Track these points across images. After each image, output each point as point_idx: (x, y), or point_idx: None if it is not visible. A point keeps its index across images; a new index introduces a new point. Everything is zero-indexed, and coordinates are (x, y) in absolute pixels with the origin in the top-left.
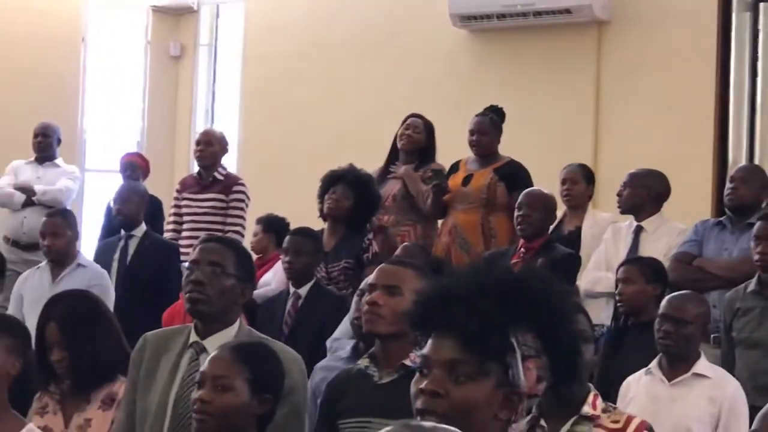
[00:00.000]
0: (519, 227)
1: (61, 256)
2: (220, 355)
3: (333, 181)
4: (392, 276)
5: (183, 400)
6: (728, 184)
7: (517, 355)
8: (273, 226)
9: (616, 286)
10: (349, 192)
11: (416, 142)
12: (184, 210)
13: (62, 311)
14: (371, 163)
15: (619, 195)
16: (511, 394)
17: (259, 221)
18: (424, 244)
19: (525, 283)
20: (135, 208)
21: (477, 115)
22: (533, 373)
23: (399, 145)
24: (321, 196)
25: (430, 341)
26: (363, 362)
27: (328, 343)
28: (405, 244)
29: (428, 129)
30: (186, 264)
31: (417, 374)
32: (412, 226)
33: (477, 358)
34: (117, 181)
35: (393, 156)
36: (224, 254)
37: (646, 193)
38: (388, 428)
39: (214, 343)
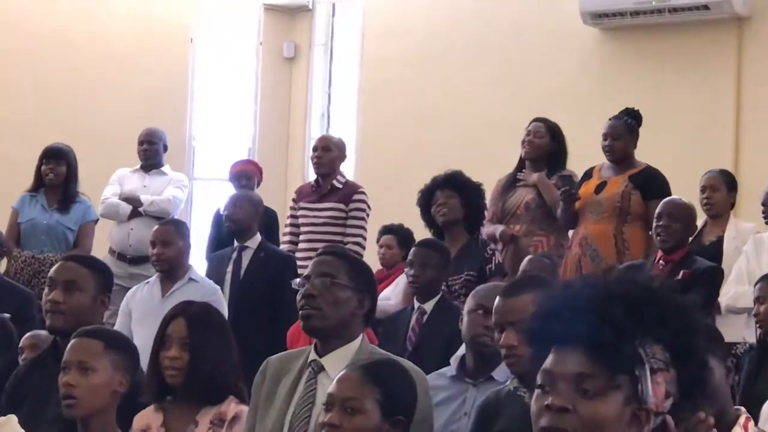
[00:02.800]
0: (659, 238)
1: (171, 267)
2: (348, 376)
3: (431, 191)
4: None
5: (298, 421)
6: None
7: (646, 367)
8: (406, 239)
9: (754, 304)
10: (455, 195)
11: (540, 148)
12: (301, 220)
13: (194, 311)
14: (498, 169)
15: (764, 204)
16: (639, 410)
17: (389, 232)
18: (553, 255)
19: (653, 292)
20: (246, 215)
21: (611, 119)
22: (662, 387)
23: (522, 153)
24: (425, 211)
25: (551, 355)
26: (512, 383)
27: (452, 360)
28: (530, 256)
29: (552, 132)
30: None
31: (537, 391)
32: (544, 236)
33: (607, 370)
34: (227, 190)
35: (521, 164)
36: (335, 264)
37: None
38: None
39: (333, 361)
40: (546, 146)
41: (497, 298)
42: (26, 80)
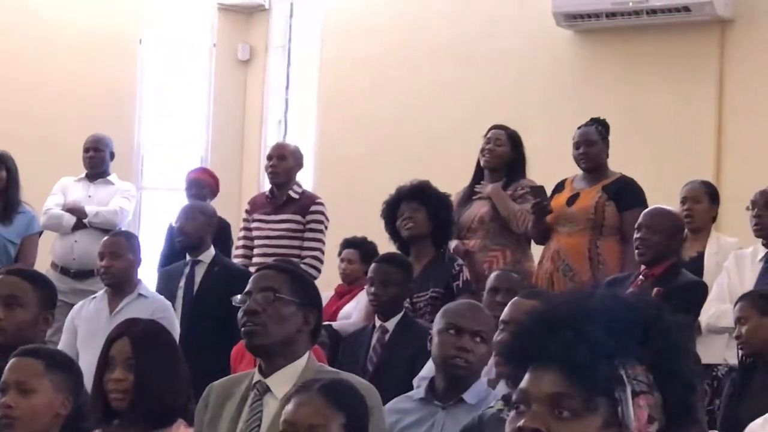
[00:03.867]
0: (637, 251)
1: (119, 281)
2: (309, 400)
3: (396, 203)
4: None
5: None
6: None
7: (627, 389)
8: (369, 253)
9: (735, 325)
10: (422, 208)
11: (500, 157)
12: (254, 233)
13: (139, 330)
14: (465, 179)
15: (756, 217)
16: None
17: (351, 245)
18: (520, 270)
19: (636, 310)
20: (199, 228)
21: (581, 127)
22: (644, 411)
23: (481, 162)
24: (389, 223)
25: (527, 374)
26: (497, 405)
27: (414, 382)
28: (497, 272)
29: (513, 140)
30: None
31: (512, 412)
32: (500, 251)
33: (583, 391)
34: (178, 200)
35: (478, 175)
36: (277, 278)
37: None
38: None
39: (279, 381)
40: (507, 155)
41: (516, 297)
42: None
